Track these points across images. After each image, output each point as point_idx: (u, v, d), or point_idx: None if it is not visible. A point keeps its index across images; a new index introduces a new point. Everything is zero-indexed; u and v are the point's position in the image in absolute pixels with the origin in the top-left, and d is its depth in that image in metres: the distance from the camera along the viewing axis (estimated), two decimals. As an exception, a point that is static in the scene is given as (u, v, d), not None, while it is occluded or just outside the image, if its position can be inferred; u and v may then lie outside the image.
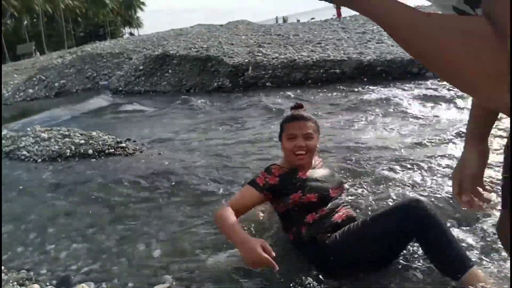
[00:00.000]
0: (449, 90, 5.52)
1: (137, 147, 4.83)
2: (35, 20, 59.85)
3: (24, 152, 4.91)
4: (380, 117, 4.75)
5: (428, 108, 4.82)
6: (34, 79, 15.28)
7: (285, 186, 1.86)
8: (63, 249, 2.45)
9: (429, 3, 0.78)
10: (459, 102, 4.81)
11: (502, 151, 1.01)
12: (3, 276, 2.09)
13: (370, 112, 5.03)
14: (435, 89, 5.69)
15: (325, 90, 7.25)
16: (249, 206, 1.85)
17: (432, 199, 2.41)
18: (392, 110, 4.98)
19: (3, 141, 5.39)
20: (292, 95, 7.07)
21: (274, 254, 1.49)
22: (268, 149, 4.07)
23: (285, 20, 33.29)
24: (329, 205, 1.83)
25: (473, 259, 1.64)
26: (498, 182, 2.55)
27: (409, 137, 3.80)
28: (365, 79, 7.37)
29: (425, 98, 5.29)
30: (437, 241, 1.53)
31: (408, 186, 2.67)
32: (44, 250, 2.48)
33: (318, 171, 1.99)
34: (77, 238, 2.58)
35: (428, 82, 6.19)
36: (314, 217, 1.78)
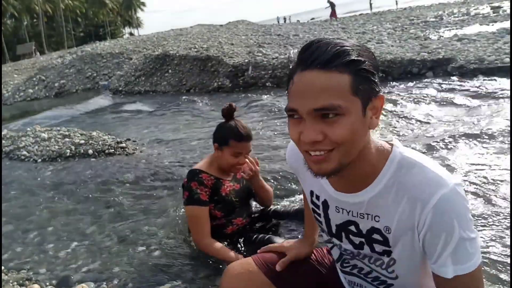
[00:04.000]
0: (449, 90, 5.52)
1: (137, 147, 4.83)
2: (35, 20, 59.86)
3: (24, 152, 4.91)
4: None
5: (427, 108, 4.81)
6: (34, 79, 15.28)
7: (211, 196, 2.02)
8: (63, 248, 2.45)
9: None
10: (458, 102, 4.81)
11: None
12: (3, 276, 2.09)
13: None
14: (435, 90, 5.68)
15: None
16: (209, 222, 2.00)
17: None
18: (391, 110, 4.98)
19: (3, 141, 5.39)
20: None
21: None
22: (268, 148, 4.07)
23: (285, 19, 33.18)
24: (228, 217, 2.08)
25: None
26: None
27: (406, 137, 3.80)
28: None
29: (425, 99, 5.28)
30: None
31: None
32: (44, 249, 2.48)
33: (236, 187, 2.12)
34: (76, 238, 2.58)
35: (428, 82, 6.19)
36: (212, 224, 2.02)
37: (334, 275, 1.22)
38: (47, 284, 2.05)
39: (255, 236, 2.06)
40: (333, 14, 20.89)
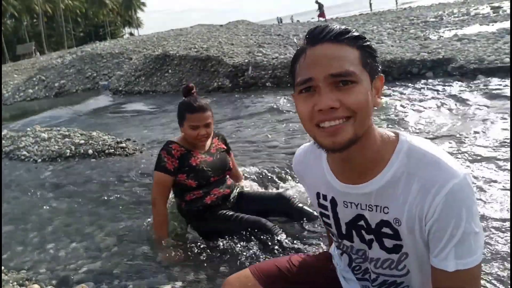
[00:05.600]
0: (448, 91, 5.52)
1: (137, 147, 4.83)
2: (35, 20, 59.85)
3: (24, 152, 4.91)
4: (378, 118, 4.75)
5: (427, 109, 4.81)
6: (34, 79, 15.28)
7: (179, 167, 2.18)
8: (63, 248, 2.45)
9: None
10: (458, 102, 4.81)
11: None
12: (3, 276, 2.09)
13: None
14: (435, 90, 5.69)
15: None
16: (169, 191, 2.23)
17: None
18: (390, 110, 4.98)
19: (3, 141, 5.39)
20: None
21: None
22: (268, 148, 4.07)
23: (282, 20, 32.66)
24: (205, 188, 2.21)
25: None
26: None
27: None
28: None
29: (424, 99, 5.29)
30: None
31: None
32: (43, 249, 2.48)
33: (208, 159, 2.25)
34: (76, 238, 2.58)
35: (428, 82, 6.19)
36: (191, 197, 2.21)
37: (335, 284, 1.20)
38: (47, 284, 2.05)
39: (242, 216, 2.17)
40: (322, 14, 20.98)
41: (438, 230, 0.82)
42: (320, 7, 20.93)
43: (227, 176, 2.38)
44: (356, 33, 0.83)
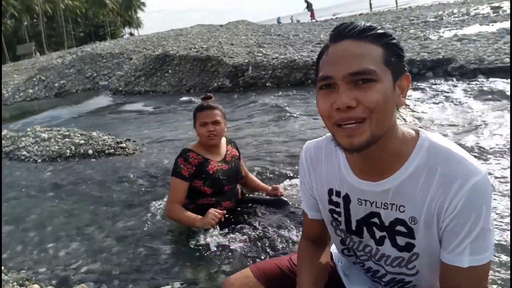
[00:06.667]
0: (448, 91, 5.53)
1: (137, 147, 4.83)
2: (35, 20, 59.85)
3: (24, 152, 4.91)
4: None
5: (427, 109, 4.82)
6: (34, 79, 15.28)
7: (196, 173, 2.28)
8: (63, 248, 2.45)
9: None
10: (458, 102, 4.82)
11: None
12: (3, 276, 2.09)
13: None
14: (435, 90, 5.69)
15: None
16: (184, 195, 2.29)
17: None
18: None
19: (3, 141, 5.39)
20: (292, 95, 7.08)
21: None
22: (268, 149, 4.07)
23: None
24: (218, 197, 2.31)
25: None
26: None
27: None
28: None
29: (424, 99, 5.29)
30: None
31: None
32: (43, 249, 2.48)
33: (224, 167, 2.34)
34: (76, 238, 2.58)
35: (428, 82, 6.19)
36: (203, 202, 2.31)
37: (336, 282, 1.19)
38: (47, 284, 2.05)
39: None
40: (312, 14, 21.00)
41: (456, 225, 0.82)
42: (309, 6, 20.96)
43: (238, 187, 2.48)
44: (381, 31, 0.81)
